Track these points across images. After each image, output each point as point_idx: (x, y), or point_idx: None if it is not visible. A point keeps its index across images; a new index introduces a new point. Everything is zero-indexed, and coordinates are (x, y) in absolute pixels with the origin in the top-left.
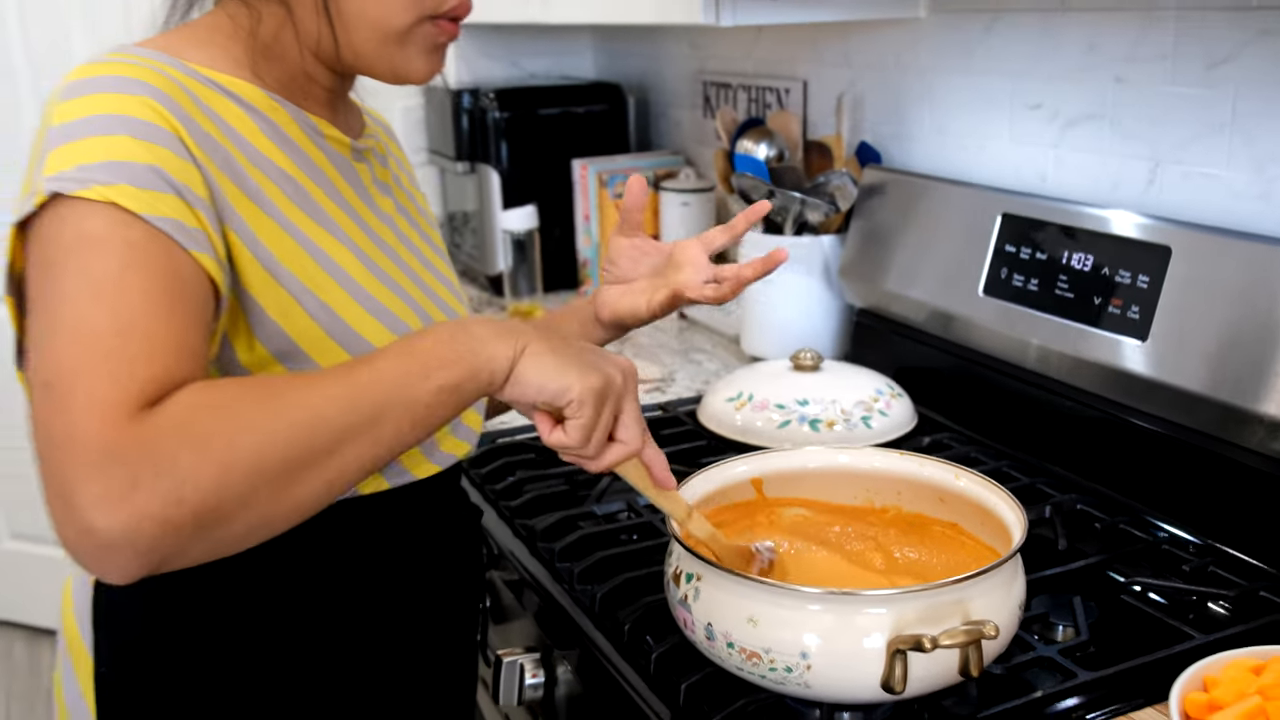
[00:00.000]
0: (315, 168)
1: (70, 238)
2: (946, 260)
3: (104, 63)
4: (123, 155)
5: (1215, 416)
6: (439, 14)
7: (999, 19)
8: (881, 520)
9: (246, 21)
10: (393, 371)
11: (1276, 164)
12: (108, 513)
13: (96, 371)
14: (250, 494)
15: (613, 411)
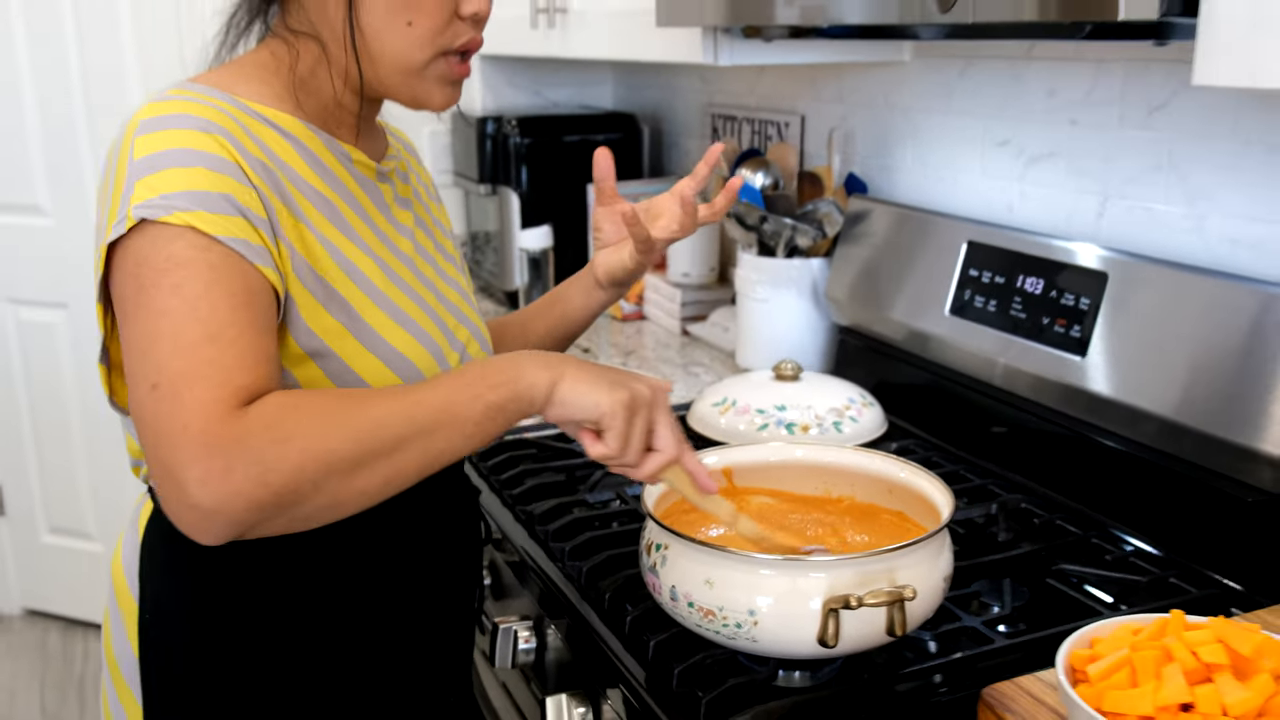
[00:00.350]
0: (345, 189)
1: (162, 260)
2: (919, 283)
3: (171, 101)
4: (199, 185)
5: (1145, 426)
6: (452, 49)
7: (973, 64)
8: (837, 509)
9: (287, 58)
10: (448, 391)
11: (1206, 200)
12: (207, 492)
13: (199, 376)
14: (321, 482)
15: (645, 422)
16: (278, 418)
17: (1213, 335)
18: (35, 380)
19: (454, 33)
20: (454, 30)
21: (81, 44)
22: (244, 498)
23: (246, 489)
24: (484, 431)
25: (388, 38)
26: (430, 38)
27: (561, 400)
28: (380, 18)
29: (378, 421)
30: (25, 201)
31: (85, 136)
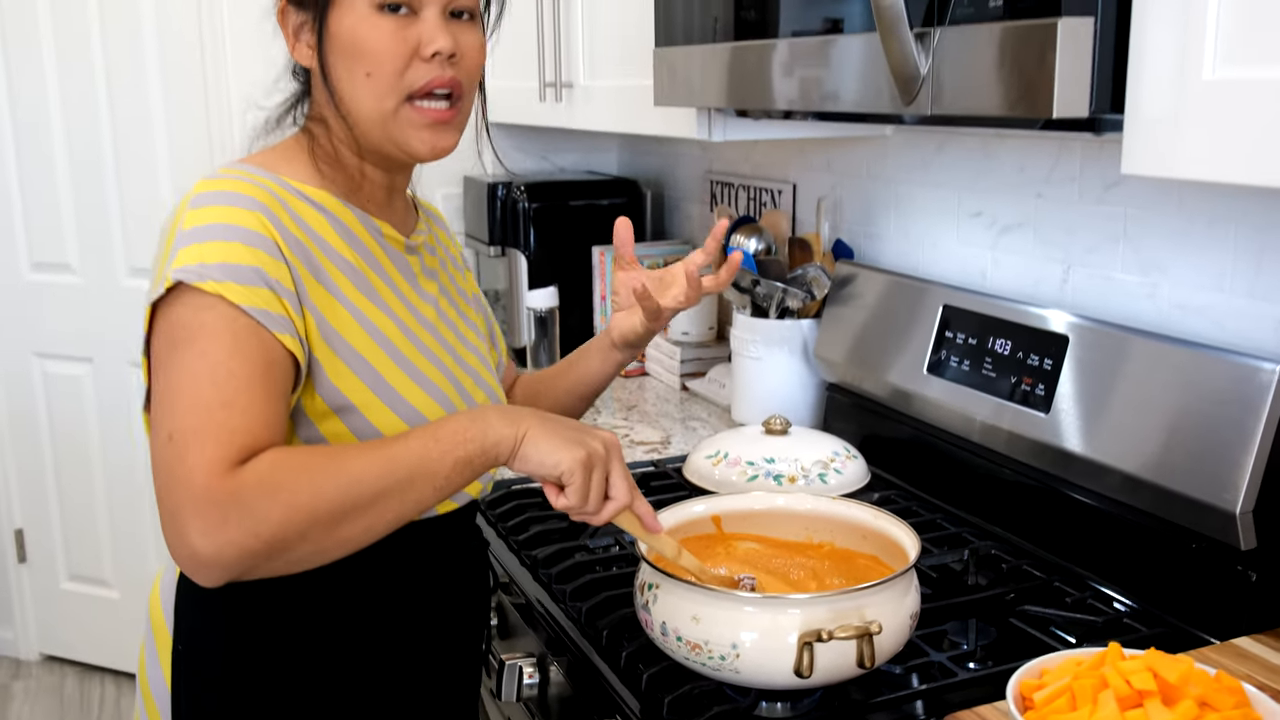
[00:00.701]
0: (375, 260)
1: (195, 324)
2: (900, 344)
3: (223, 179)
4: (233, 259)
5: (1107, 479)
6: (416, 92)
7: (949, 141)
8: (819, 553)
9: (310, 141)
10: (420, 448)
11: (1158, 269)
12: (205, 540)
13: (206, 435)
14: (307, 532)
15: (602, 476)
16: (268, 476)
17: (1165, 396)
18: (59, 431)
19: (415, 75)
20: (415, 72)
21: (114, 116)
22: (237, 547)
23: (239, 539)
24: (453, 483)
25: (355, 94)
26: (391, 84)
27: (525, 456)
28: (344, 77)
29: (356, 479)
30: (57, 260)
31: (115, 201)
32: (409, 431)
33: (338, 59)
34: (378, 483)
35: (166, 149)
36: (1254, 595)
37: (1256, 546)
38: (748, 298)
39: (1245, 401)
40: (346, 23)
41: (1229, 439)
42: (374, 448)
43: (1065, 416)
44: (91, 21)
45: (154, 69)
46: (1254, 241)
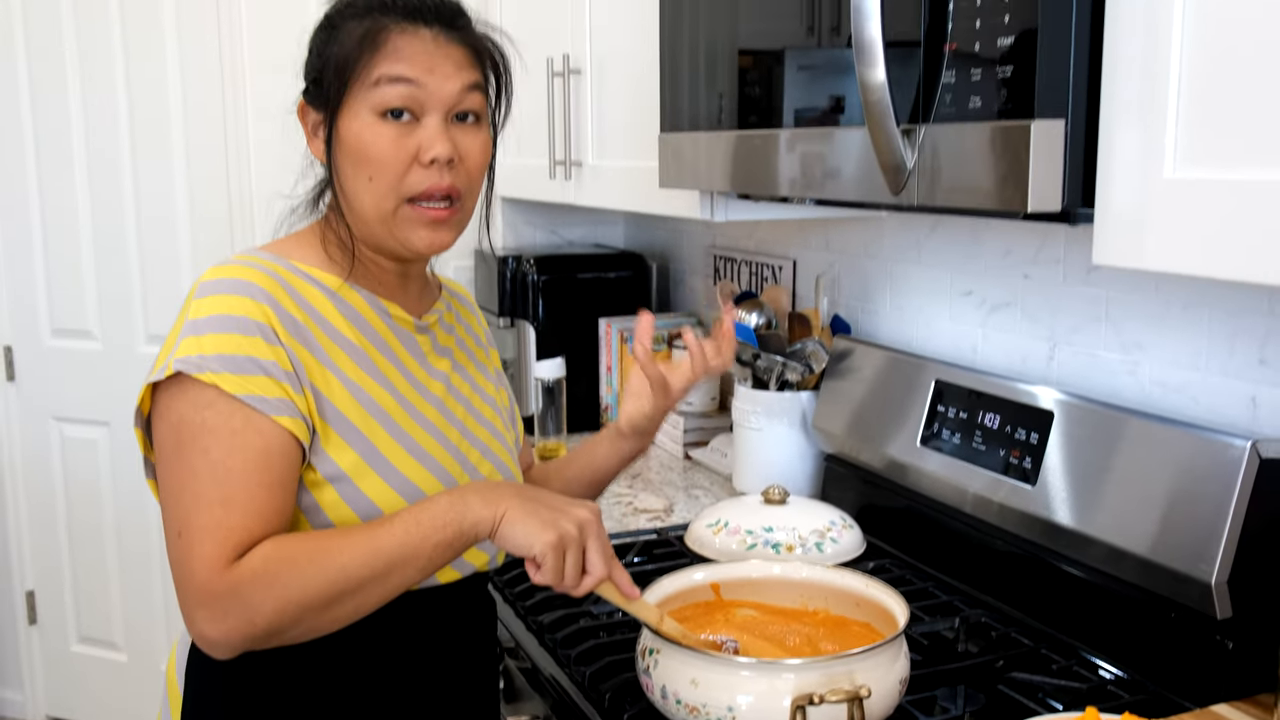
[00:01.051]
0: (380, 339)
1: (196, 423)
2: (895, 417)
3: (231, 266)
4: (229, 350)
5: (1092, 549)
6: (416, 195)
7: (940, 223)
8: (814, 620)
9: (324, 227)
10: (402, 534)
11: (1139, 349)
12: (210, 627)
13: (206, 533)
14: (299, 618)
15: (577, 554)
16: (261, 570)
17: (1145, 470)
18: (74, 494)
19: (414, 180)
20: (414, 178)
21: (137, 190)
22: (237, 634)
23: (239, 628)
24: (435, 564)
25: (359, 194)
26: (391, 187)
27: (504, 537)
28: (350, 178)
29: (341, 568)
30: (78, 327)
31: (136, 270)
32: (394, 515)
33: (344, 160)
34: (362, 570)
35: (188, 220)
36: (1231, 663)
37: (1232, 616)
38: (749, 370)
39: (1219, 476)
40: (353, 127)
41: (1205, 512)
42: (359, 536)
43: (1050, 489)
44: (119, 100)
45: (178, 145)
46: (1226, 324)
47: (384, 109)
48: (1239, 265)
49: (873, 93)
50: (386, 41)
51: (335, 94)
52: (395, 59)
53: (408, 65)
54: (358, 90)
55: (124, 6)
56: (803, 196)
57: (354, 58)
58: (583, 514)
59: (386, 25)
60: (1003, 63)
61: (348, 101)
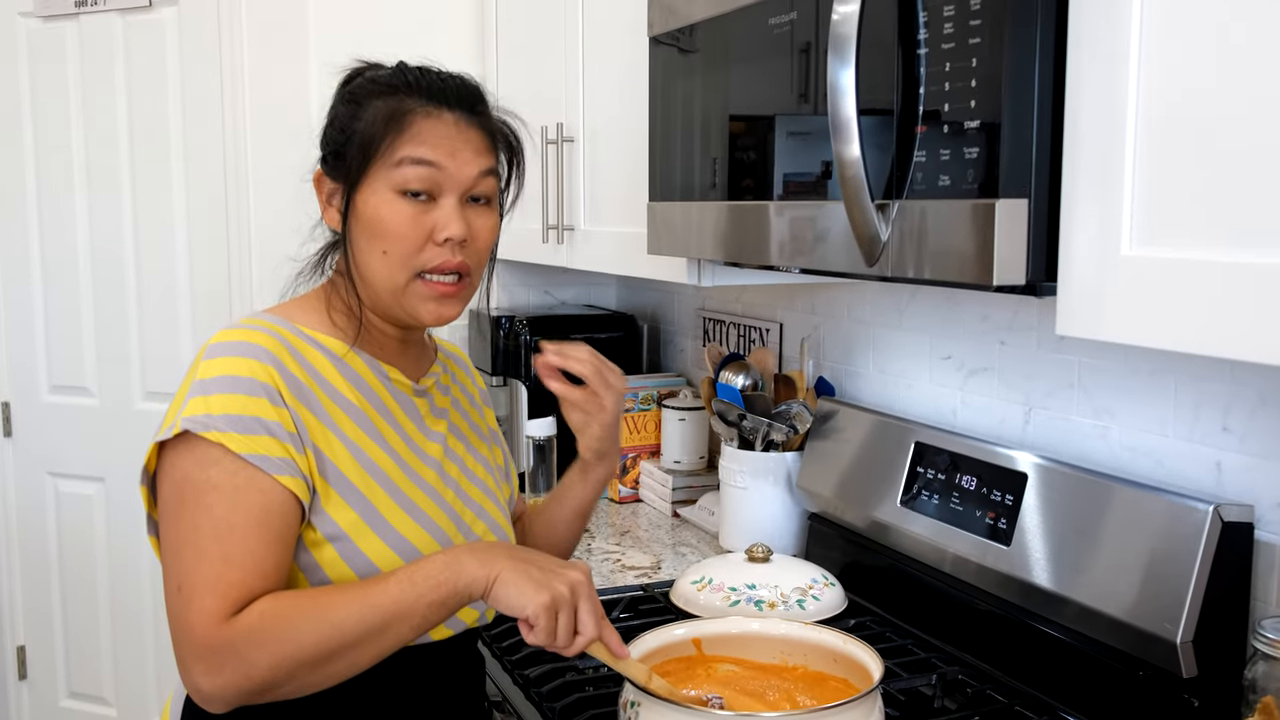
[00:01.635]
0: (380, 402)
1: (200, 481)
2: (876, 477)
3: (240, 329)
4: (235, 410)
5: (1062, 609)
6: (428, 270)
7: (921, 290)
8: (793, 676)
9: (330, 292)
10: (396, 593)
11: (1109, 414)
12: (206, 680)
13: (206, 588)
14: (294, 673)
15: (569, 615)
16: (257, 626)
17: (1114, 532)
18: (68, 549)
19: (427, 256)
20: (427, 254)
21: (138, 248)
22: (233, 688)
23: (234, 682)
24: (429, 622)
25: (371, 266)
26: (404, 262)
27: (497, 598)
28: (364, 250)
29: (336, 625)
30: (75, 384)
31: (135, 328)
32: (389, 574)
33: (360, 232)
34: (356, 628)
35: (187, 280)
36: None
37: (1198, 674)
38: (735, 431)
39: (1184, 539)
40: (372, 202)
41: (1171, 574)
42: (355, 593)
43: (1025, 550)
44: (121, 159)
45: (179, 205)
46: (1191, 392)
47: (404, 189)
48: (1191, 338)
49: (848, 168)
50: (411, 124)
51: (357, 169)
52: (418, 142)
53: (430, 149)
54: (380, 168)
55: (129, 68)
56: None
57: (378, 137)
58: (574, 575)
59: (411, 107)
60: (970, 144)
61: (368, 177)
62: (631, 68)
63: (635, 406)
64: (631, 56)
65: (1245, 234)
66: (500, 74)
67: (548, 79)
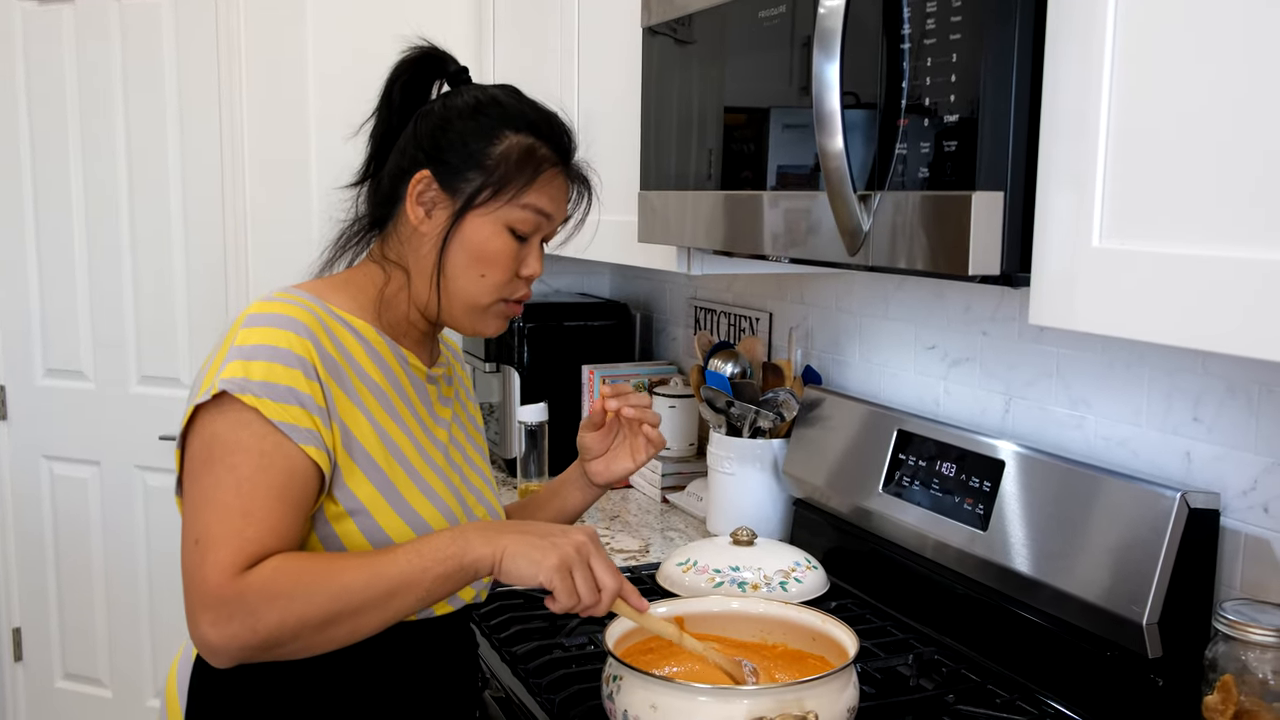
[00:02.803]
0: (399, 384)
1: (230, 440)
2: (860, 464)
3: (275, 302)
4: (271, 378)
5: (1035, 592)
6: (511, 299)
7: (907, 280)
8: (773, 654)
9: (379, 279)
10: (405, 564)
11: (1085, 404)
12: (213, 631)
13: (223, 541)
14: (298, 632)
15: (584, 572)
16: (269, 582)
17: (1085, 518)
18: (63, 532)
19: (514, 286)
20: (512, 286)
21: (134, 234)
22: (238, 642)
23: (240, 634)
24: (434, 595)
25: (463, 283)
26: (497, 289)
27: (508, 572)
28: (460, 267)
29: (344, 588)
30: (71, 368)
31: (130, 312)
32: (397, 546)
33: (463, 253)
34: (363, 593)
35: (183, 265)
36: (1161, 700)
37: (1163, 655)
38: (723, 418)
39: (1152, 525)
40: (484, 231)
41: (1139, 558)
42: (364, 560)
43: (1001, 535)
44: (118, 144)
45: (175, 191)
46: (1164, 382)
47: (517, 230)
48: (1158, 329)
49: (831, 160)
50: (542, 173)
51: (480, 196)
52: (546, 196)
53: (551, 204)
54: (502, 203)
55: (125, 52)
56: (768, 254)
57: (512, 178)
58: (578, 536)
59: (545, 156)
60: (948, 138)
61: (488, 206)
62: (626, 58)
63: None
64: (627, 46)
65: (1211, 229)
66: (497, 60)
67: (543, 66)
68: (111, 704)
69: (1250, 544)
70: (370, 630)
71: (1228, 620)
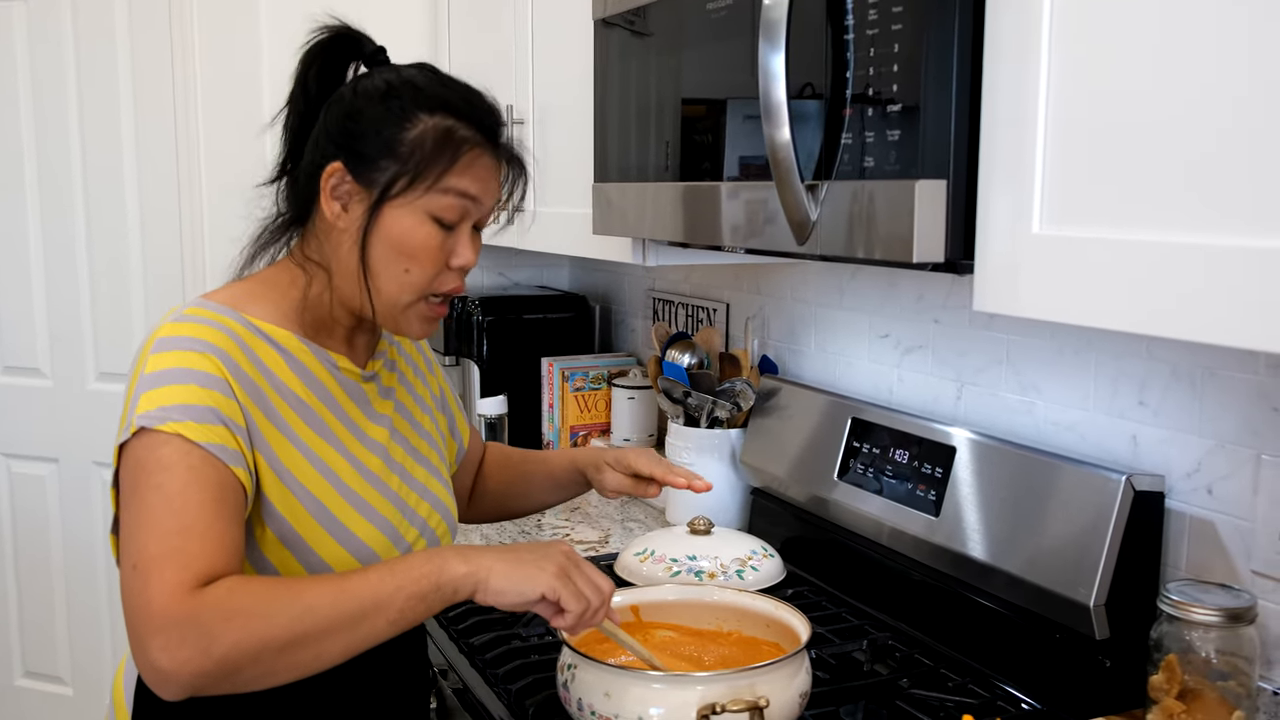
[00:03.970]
0: (327, 394)
1: (152, 462)
2: (815, 453)
3: (185, 323)
4: (190, 400)
5: (986, 576)
6: (438, 294)
7: (860, 270)
8: (728, 641)
9: (300, 281)
10: (375, 582)
11: (1035, 390)
12: (164, 656)
13: (166, 561)
14: (257, 656)
15: (582, 575)
16: (225, 600)
17: (1034, 502)
18: (22, 529)
19: (441, 280)
20: (442, 278)
21: (89, 227)
22: (192, 665)
23: (195, 658)
24: (406, 619)
25: (384, 279)
26: (422, 285)
27: (500, 591)
28: (382, 263)
29: (309, 607)
30: (28, 365)
31: (87, 308)
32: (367, 567)
33: (383, 247)
34: (330, 611)
35: (139, 259)
36: (1109, 680)
37: (1110, 636)
38: (680, 408)
39: (1098, 508)
40: (405, 222)
41: (1087, 541)
42: (330, 579)
43: (953, 520)
44: (72, 138)
45: (130, 183)
46: (1110, 367)
47: (441, 218)
48: (1098, 313)
49: (779, 151)
50: (465, 154)
51: (396, 185)
52: (470, 178)
53: (477, 186)
54: (421, 191)
55: (78, 41)
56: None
57: (430, 163)
58: (563, 547)
59: (465, 137)
60: (892, 127)
61: (406, 195)
62: (579, 50)
63: (586, 385)
64: (579, 39)
65: (1149, 214)
66: (452, 54)
67: (498, 61)
68: (72, 701)
69: (1195, 525)
70: (335, 657)
71: (1172, 601)
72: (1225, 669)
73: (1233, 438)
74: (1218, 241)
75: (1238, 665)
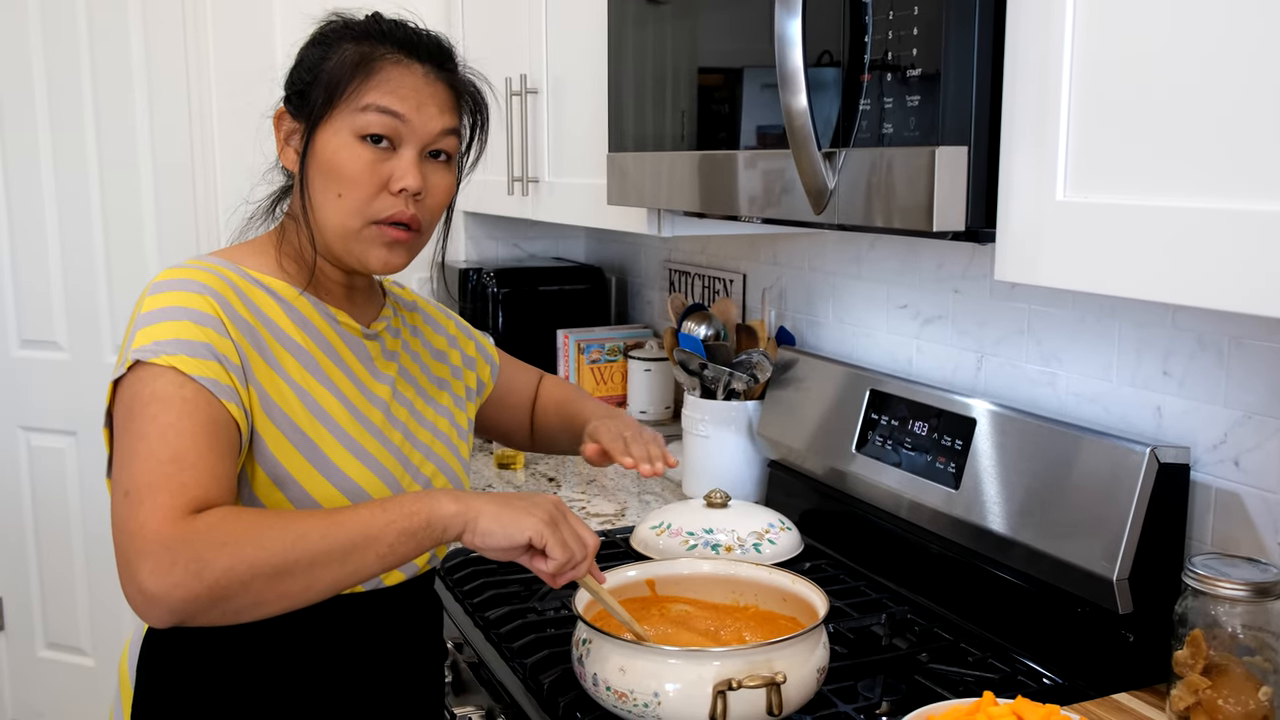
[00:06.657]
0: (326, 343)
1: (146, 394)
2: (833, 424)
3: (183, 268)
4: (184, 335)
5: (1007, 549)
6: (380, 220)
7: (879, 239)
8: (745, 615)
9: (280, 235)
10: (367, 515)
11: (1056, 360)
12: (154, 580)
13: (160, 487)
14: (249, 582)
15: (568, 525)
16: (218, 525)
17: (1056, 474)
18: (41, 502)
19: (381, 205)
20: (381, 202)
21: (105, 204)
22: (183, 589)
23: (185, 581)
24: (396, 553)
25: (326, 208)
26: (359, 208)
27: (488, 532)
28: (319, 191)
29: (300, 535)
30: (45, 338)
31: (103, 282)
32: (360, 503)
33: (316, 174)
34: (321, 542)
35: (154, 233)
36: (1132, 655)
37: (1133, 611)
38: (697, 380)
39: (1122, 481)
40: (332, 144)
41: (1109, 514)
42: (322, 512)
43: (973, 493)
44: (87, 115)
45: (145, 158)
46: (1133, 338)
47: (365, 134)
48: (1122, 282)
49: (795, 118)
50: (379, 70)
51: (320, 109)
52: (386, 90)
53: (397, 99)
54: (343, 111)
55: (91, 19)
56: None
57: (345, 79)
58: (551, 497)
59: (382, 54)
60: (911, 93)
61: (330, 119)
62: (594, 18)
63: (602, 358)
64: (593, 7)
65: (1176, 180)
66: (465, 25)
67: (512, 30)
68: (95, 672)
69: (1221, 498)
70: (325, 589)
71: (1197, 575)
72: (1251, 644)
73: (1261, 409)
74: (1249, 207)
75: (1264, 640)
